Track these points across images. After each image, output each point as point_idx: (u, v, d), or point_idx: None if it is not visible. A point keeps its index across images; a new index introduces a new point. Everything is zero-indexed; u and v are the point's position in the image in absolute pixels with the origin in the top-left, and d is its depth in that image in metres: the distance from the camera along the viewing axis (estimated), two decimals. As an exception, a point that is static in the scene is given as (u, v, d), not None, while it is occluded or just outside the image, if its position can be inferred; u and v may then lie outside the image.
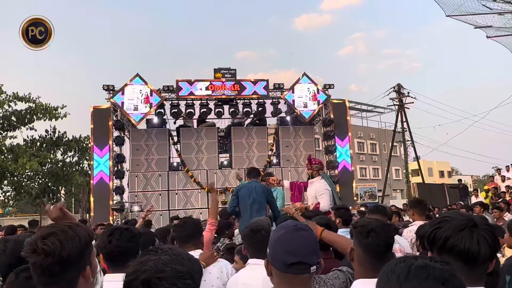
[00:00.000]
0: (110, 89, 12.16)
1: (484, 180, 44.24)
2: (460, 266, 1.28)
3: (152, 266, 1.17)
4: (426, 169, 38.77)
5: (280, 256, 1.49)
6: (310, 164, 6.62)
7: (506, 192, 14.49)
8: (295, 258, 1.47)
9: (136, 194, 12.10)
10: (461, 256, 1.31)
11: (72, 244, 1.39)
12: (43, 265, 1.36)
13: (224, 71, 12.90)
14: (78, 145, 22.48)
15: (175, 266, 1.18)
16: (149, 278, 1.14)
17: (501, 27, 14.63)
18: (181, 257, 1.23)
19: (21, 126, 19.82)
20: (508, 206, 8.64)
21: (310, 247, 1.52)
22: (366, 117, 42.73)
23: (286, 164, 12.99)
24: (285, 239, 1.52)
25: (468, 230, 1.33)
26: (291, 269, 1.47)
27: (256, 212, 5.43)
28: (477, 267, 1.33)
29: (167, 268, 1.17)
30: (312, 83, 13.22)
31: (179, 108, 12.62)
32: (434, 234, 1.37)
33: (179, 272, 1.17)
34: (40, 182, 22.22)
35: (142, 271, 1.17)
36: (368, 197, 24.32)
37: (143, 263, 1.20)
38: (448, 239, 1.33)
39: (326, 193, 6.27)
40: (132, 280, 1.16)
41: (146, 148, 12.64)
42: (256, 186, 5.80)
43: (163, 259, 1.20)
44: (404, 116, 24.93)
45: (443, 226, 1.36)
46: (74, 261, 1.40)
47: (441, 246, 1.34)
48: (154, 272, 1.16)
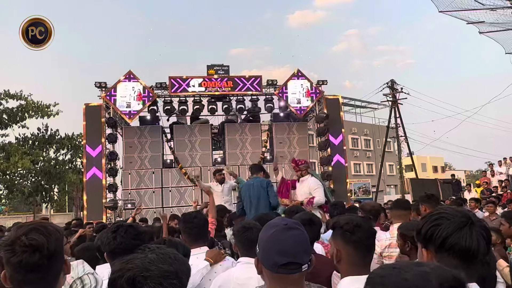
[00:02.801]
0: (103, 86, 12.08)
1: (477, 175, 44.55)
2: (458, 264, 1.27)
3: (138, 264, 1.15)
4: (419, 165, 38.99)
5: (270, 256, 1.46)
6: (297, 165, 6.62)
7: (498, 186, 14.61)
8: (286, 259, 1.43)
9: (130, 191, 12.05)
10: (461, 254, 1.30)
11: (56, 237, 1.39)
12: (30, 262, 1.33)
13: (217, 67, 12.84)
14: (70, 143, 22.29)
15: (162, 265, 1.16)
16: (134, 277, 1.12)
17: (493, 22, 14.70)
18: (168, 257, 1.21)
19: (12, 124, 19.62)
20: (499, 201, 8.73)
21: (301, 247, 1.48)
22: (360, 113, 42.87)
23: (280, 161, 12.93)
24: (275, 238, 1.47)
25: (468, 228, 1.31)
26: (282, 270, 1.44)
27: (262, 208, 5.56)
28: (473, 264, 1.32)
29: (153, 267, 1.15)
30: (305, 79, 13.21)
31: (172, 105, 12.55)
32: (432, 232, 1.34)
33: (166, 271, 1.15)
34: (32, 180, 22.04)
35: (127, 269, 1.14)
36: (362, 192, 24.48)
37: (129, 261, 1.18)
38: (449, 237, 1.30)
39: (320, 187, 6.32)
40: (117, 278, 1.14)
41: (139, 145, 12.58)
42: (254, 182, 5.90)
43: (150, 258, 1.18)
44: (397, 112, 25.05)
45: (442, 224, 1.33)
46: (58, 254, 1.39)
47: (441, 244, 1.31)
48: (140, 270, 1.14)
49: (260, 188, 5.83)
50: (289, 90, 12.97)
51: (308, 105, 13.05)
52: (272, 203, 5.83)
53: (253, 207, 5.69)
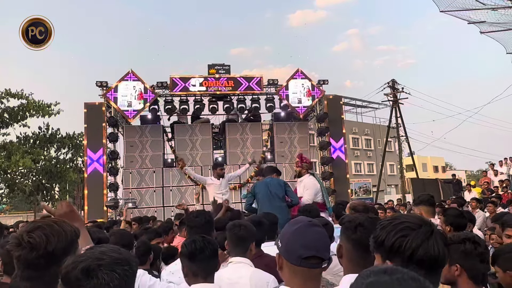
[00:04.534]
0: (104, 85, 12.08)
1: (477, 175, 44.55)
2: (426, 274, 1.22)
3: (90, 255, 1.20)
4: (420, 164, 38.97)
5: (295, 249, 1.52)
6: (301, 162, 6.67)
7: (499, 186, 14.61)
8: (310, 252, 1.50)
9: (131, 191, 12.05)
10: (429, 263, 1.27)
11: (58, 239, 1.40)
12: (28, 259, 1.36)
13: (218, 67, 12.84)
14: (71, 142, 22.35)
15: (112, 254, 1.21)
16: (88, 265, 1.16)
17: (495, 22, 14.70)
18: (117, 248, 1.27)
19: (13, 123, 19.67)
20: (500, 201, 8.72)
21: (323, 243, 1.56)
22: (361, 113, 42.89)
23: (281, 160, 12.98)
24: (300, 232, 1.55)
25: (434, 238, 1.30)
26: (305, 263, 1.50)
27: (277, 205, 5.61)
28: (439, 271, 1.32)
29: (105, 256, 1.20)
30: (306, 79, 13.20)
31: (173, 105, 12.55)
32: (399, 243, 1.28)
33: (117, 259, 1.20)
34: (33, 179, 22.10)
35: (80, 261, 1.18)
36: (363, 192, 24.42)
37: (81, 255, 1.23)
38: (418, 248, 1.27)
39: (311, 188, 6.38)
40: (70, 270, 1.17)
41: (140, 144, 12.59)
42: (271, 181, 5.95)
43: (100, 250, 1.24)
44: (398, 112, 25.04)
45: (408, 234, 1.29)
46: (59, 256, 1.39)
47: (410, 256, 1.27)
48: (93, 260, 1.18)
49: (278, 186, 5.89)
50: (290, 90, 12.97)
51: (309, 105, 13.05)
52: (294, 200, 5.92)
53: (268, 203, 5.68)
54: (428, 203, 4.07)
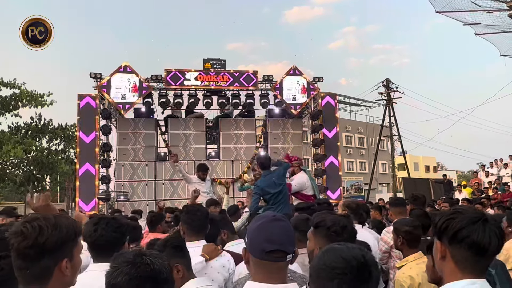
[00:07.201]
0: (98, 77, 11.98)
1: (468, 175, 44.95)
2: (468, 256, 1.36)
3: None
4: (412, 164, 39.24)
5: (258, 243, 1.55)
6: (291, 162, 6.66)
7: (489, 187, 14.76)
8: (273, 246, 1.53)
9: (123, 183, 12.02)
10: (472, 247, 1.36)
11: (51, 232, 1.39)
12: (19, 248, 1.37)
13: (213, 61, 12.79)
14: (64, 133, 22.15)
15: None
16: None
17: (489, 24, 14.81)
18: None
19: (5, 112, 19.44)
20: (489, 202, 8.81)
21: (287, 237, 1.59)
22: (355, 111, 43.02)
23: (274, 156, 12.90)
24: (263, 227, 1.58)
25: (481, 224, 1.38)
26: (268, 257, 1.53)
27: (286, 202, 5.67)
28: (484, 259, 1.39)
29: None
30: (301, 76, 13.20)
31: (167, 98, 12.50)
32: (446, 224, 1.42)
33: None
34: (24, 170, 21.90)
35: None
36: (355, 190, 24.56)
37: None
38: (461, 230, 1.38)
39: (297, 178, 6.61)
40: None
41: (133, 137, 12.53)
42: (273, 174, 5.71)
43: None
44: (392, 111, 25.19)
45: (456, 217, 1.41)
46: (51, 249, 1.39)
47: (453, 236, 1.39)
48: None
49: (282, 177, 5.78)
50: (285, 86, 12.96)
51: (304, 102, 13.06)
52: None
53: (281, 202, 5.55)
54: (394, 205, 4.50)
